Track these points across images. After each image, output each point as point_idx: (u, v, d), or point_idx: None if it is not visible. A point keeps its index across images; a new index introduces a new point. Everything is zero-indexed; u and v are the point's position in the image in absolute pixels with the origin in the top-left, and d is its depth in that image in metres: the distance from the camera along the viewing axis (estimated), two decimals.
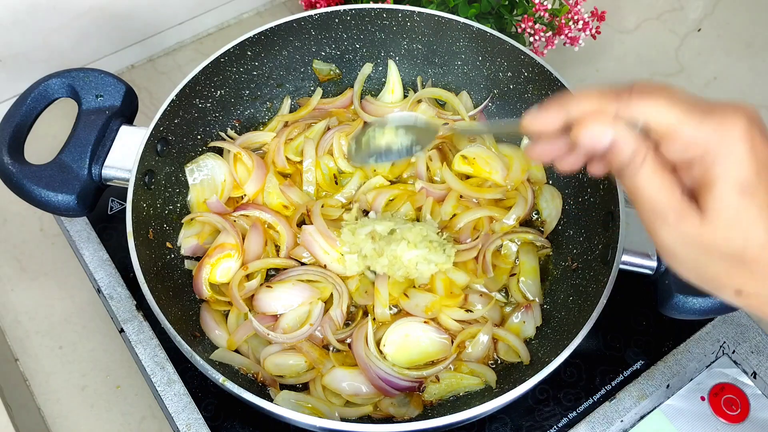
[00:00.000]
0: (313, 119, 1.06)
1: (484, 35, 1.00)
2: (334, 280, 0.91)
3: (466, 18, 1.00)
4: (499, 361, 0.89)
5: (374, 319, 0.90)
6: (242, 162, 0.99)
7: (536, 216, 1.00)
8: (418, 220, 0.98)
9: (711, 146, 0.52)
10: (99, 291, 0.95)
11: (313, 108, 1.07)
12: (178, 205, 0.97)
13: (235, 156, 0.99)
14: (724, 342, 0.92)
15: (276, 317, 0.89)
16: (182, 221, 0.95)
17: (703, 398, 0.89)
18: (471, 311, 0.90)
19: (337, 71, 1.09)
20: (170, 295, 0.87)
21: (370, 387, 0.85)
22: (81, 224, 0.99)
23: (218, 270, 0.91)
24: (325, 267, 0.93)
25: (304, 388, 0.87)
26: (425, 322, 0.88)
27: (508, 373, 0.88)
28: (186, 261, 0.94)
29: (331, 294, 0.91)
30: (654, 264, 0.84)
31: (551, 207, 0.98)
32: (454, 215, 0.98)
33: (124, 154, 0.90)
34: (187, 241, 0.94)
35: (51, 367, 0.97)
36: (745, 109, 0.52)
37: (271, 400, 0.78)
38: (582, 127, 0.55)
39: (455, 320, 0.89)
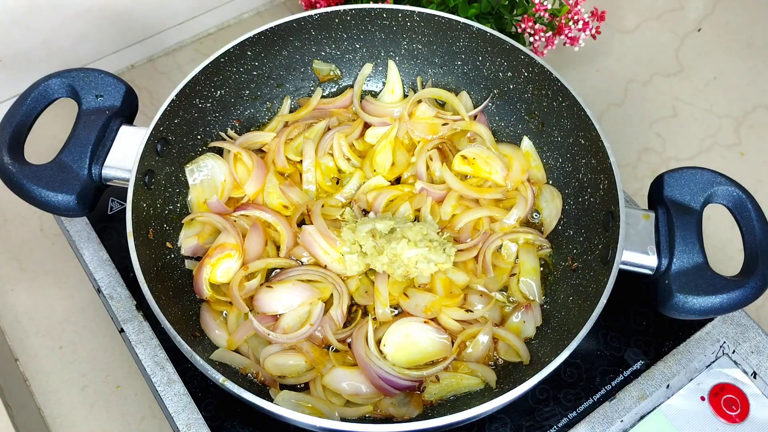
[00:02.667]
0: (313, 119, 1.06)
1: (484, 35, 1.00)
2: (334, 280, 0.91)
3: (466, 18, 1.00)
4: (499, 361, 0.89)
5: (374, 318, 0.90)
6: (242, 162, 0.99)
7: (536, 216, 1.00)
8: (417, 220, 0.98)
9: None
10: (99, 291, 0.95)
11: (313, 108, 1.07)
12: (178, 205, 0.97)
13: (235, 156, 0.99)
14: (724, 342, 0.92)
15: (276, 317, 0.89)
16: (183, 221, 0.95)
17: (703, 398, 0.89)
18: (471, 311, 0.90)
19: (338, 72, 1.09)
20: (170, 295, 0.87)
21: (370, 387, 0.85)
22: (81, 224, 0.99)
23: (218, 270, 0.91)
24: (325, 267, 0.93)
25: (304, 387, 0.87)
26: (425, 322, 0.88)
27: (508, 373, 0.88)
28: (186, 261, 0.94)
29: (332, 294, 0.91)
30: (654, 264, 0.84)
31: (551, 207, 0.98)
32: (454, 215, 0.98)
33: (124, 154, 0.90)
34: (188, 241, 0.94)
35: (51, 367, 0.97)
36: None
37: (271, 400, 0.78)
38: None
39: (455, 320, 0.89)
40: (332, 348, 0.89)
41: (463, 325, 0.90)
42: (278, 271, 0.94)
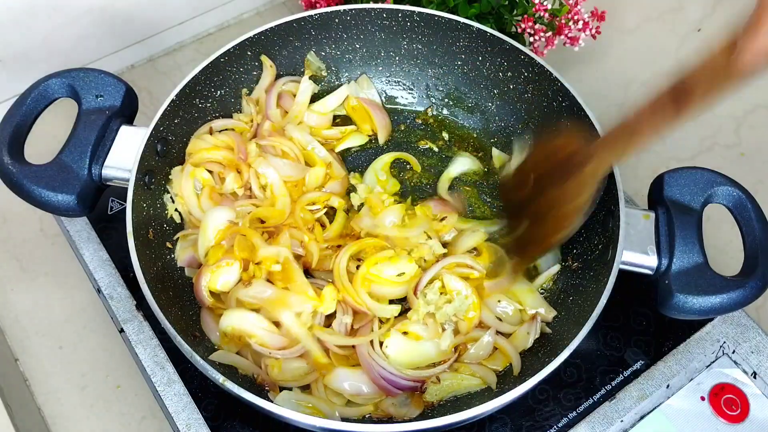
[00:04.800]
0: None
1: (484, 35, 1.00)
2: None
3: (466, 18, 1.00)
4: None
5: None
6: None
7: None
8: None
9: None
10: (99, 291, 0.95)
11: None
12: None
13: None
14: (724, 342, 0.92)
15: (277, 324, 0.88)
16: (176, 237, 0.94)
17: (703, 398, 0.89)
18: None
19: (323, 73, 1.08)
20: (170, 295, 0.86)
21: (372, 387, 0.85)
22: (81, 224, 0.99)
23: (218, 279, 0.88)
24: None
25: (305, 387, 0.87)
26: (426, 324, 0.88)
27: (508, 374, 0.88)
28: (186, 268, 0.94)
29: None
30: (654, 264, 0.84)
31: None
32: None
33: (124, 154, 0.90)
34: (183, 252, 0.93)
35: (51, 367, 0.97)
36: None
37: (271, 400, 0.78)
38: None
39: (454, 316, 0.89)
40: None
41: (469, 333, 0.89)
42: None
